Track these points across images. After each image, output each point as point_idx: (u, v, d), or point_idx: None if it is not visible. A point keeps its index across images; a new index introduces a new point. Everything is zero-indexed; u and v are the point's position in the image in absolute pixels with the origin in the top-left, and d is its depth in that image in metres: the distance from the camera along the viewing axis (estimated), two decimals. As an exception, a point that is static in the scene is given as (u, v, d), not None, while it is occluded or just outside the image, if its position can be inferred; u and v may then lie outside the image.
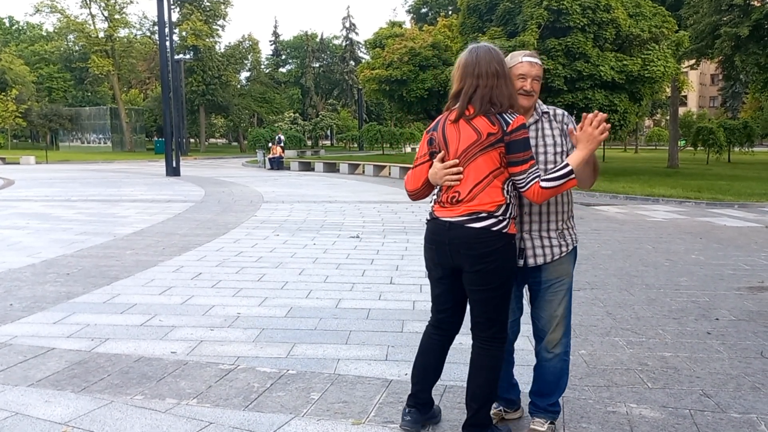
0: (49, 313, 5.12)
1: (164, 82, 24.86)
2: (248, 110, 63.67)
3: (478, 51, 2.85)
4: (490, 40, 21.15)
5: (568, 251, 3.01)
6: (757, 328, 4.95)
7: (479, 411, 2.92)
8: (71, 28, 55.22)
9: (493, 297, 2.84)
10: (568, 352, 3.11)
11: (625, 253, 8.18)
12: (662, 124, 72.06)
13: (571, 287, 3.05)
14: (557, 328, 3.03)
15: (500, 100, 2.77)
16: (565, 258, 3.00)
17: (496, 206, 2.77)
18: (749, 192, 16.63)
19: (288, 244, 8.58)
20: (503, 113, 2.76)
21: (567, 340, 3.08)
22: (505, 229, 2.78)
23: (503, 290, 2.86)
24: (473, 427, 2.93)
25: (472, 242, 2.78)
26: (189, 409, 3.34)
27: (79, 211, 12.11)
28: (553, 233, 2.97)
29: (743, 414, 3.36)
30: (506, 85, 2.81)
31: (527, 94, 2.91)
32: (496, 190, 2.77)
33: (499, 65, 2.82)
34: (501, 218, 2.77)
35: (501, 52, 2.88)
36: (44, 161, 33.54)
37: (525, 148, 2.75)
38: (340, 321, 4.98)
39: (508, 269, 2.85)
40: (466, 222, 2.78)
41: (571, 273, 3.05)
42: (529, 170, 2.74)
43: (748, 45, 26.53)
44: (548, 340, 3.05)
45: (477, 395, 2.91)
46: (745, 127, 38.41)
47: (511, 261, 2.85)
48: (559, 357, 3.06)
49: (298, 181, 21.31)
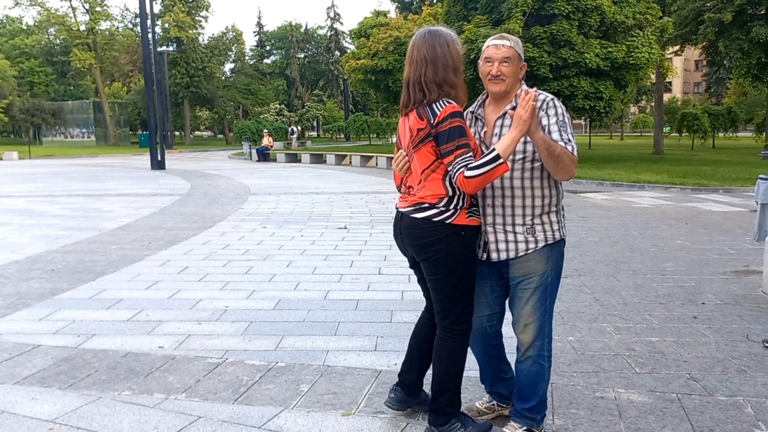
0: (35, 309, 5.07)
1: (147, 75, 24.63)
2: (233, 102, 63.27)
3: (415, 36, 2.78)
4: (475, 29, 21.18)
5: (537, 248, 2.78)
6: (743, 311, 5.00)
7: (436, 398, 2.91)
8: (52, 21, 54.41)
9: (444, 286, 2.81)
10: (545, 356, 2.89)
11: (611, 240, 8.23)
12: (647, 111, 72.52)
13: (548, 288, 2.83)
14: (526, 329, 2.86)
15: (429, 87, 2.69)
16: (532, 255, 2.79)
17: (437, 198, 2.74)
18: (734, 177, 16.77)
19: (275, 237, 8.55)
20: (435, 103, 2.67)
21: (541, 343, 2.87)
22: (449, 219, 2.72)
23: (453, 280, 2.78)
24: (432, 414, 2.94)
25: (415, 232, 2.79)
26: (177, 403, 3.32)
27: (63, 207, 11.99)
28: (519, 228, 2.79)
29: (730, 397, 3.39)
30: (437, 71, 2.68)
31: (495, 78, 2.75)
32: (437, 183, 2.74)
33: (430, 50, 2.69)
34: (444, 209, 2.73)
35: (446, 35, 2.72)
36: (27, 157, 33.15)
37: (451, 138, 2.61)
38: (329, 312, 4.97)
39: (456, 260, 2.76)
40: (411, 212, 2.80)
41: (543, 272, 2.81)
42: (456, 160, 2.60)
43: (732, 30, 26.68)
44: (519, 340, 2.91)
45: (435, 383, 2.92)
46: (729, 113, 38.74)
47: (460, 252, 2.75)
48: (532, 360, 2.87)
49: (285, 173, 21.22)
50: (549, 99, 2.77)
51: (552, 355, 2.94)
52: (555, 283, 2.87)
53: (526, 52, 20.85)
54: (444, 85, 2.70)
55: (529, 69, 21.27)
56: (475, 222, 2.79)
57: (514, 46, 2.76)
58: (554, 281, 2.86)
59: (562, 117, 2.72)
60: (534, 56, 21.00)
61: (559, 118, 2.71)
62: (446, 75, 2.70)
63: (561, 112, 2.73)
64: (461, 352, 2.89)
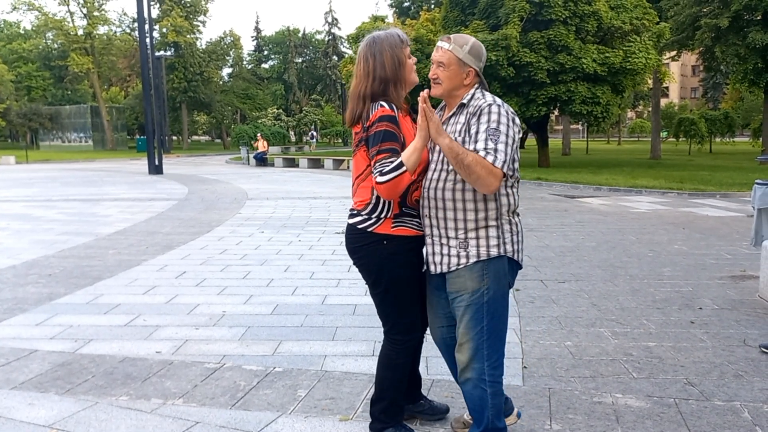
0: (31, 314, 5.06)
1: (145, 80, 24.62)
2: (231, 107, 63.25)
3: (360, 47, 2.75)
4: (473, 34, 21.20)
5: (467, 264, 2.58)
6: (740, 316, 5.00)
7: (374, 404, 2.91)
8: (49, 25, 54.44)
9: (374, 294, 2.81)
10: (487, 382, 2.63)
11: (609, 245, 8.24)
12: (644, 116, 72.65)
13: (483, 307, 2.60)
14: (462, 348, 2.65)
15: (364, 93, 2.66)
16: (463, 271, 2.59)
17: (363, 204, 2.72)
18: (731, 182, 16.81)
19: (273, 241, 8.54)
20: (372, 107, 2.63)
21: (481, 366, 2.62)
22: (371, 228, 2.69)
23: (378, 290, 2.75)
24: (371, 418, 2.94)
25: (347, 237, 2.83)
26: (175, 408, 3.31)
27: (60, 211, 11.97)
28: (453, 241, 2.61)
29: (727, 402, 3.39)
30: (368, 75, 2.65)
31: (432, 81, 2.64)
32: (365, 190, 2.73)
33: (365, 63, 2.66)
34: (367, 217, 2.70)
35: (382, 41, 2.66)
36: (24, 161, 33.10)
37: (375, 142, 2.55)
38: (327, 317, 4.97)
39: (378, 270, 2.71)
40: (348, 218, 2.83)
41: (474, 290, 2.58)
42: (375, 164, 2.54)
43: (728, 36, 26.82)
44: (456, 358, 2.71)
45: (375, 387, 2.92)
46: (726, 118, 38.88)
47: (382, 262, 2.69)
48: (472, 383, 2.65)
49: (283, 178, 21.22)
50: (486, 105, 2.53)
51: (502, 382, 2.71)
52: (496, 304, 2.62)
53: (524, 57, 20.92)
54: (378, 88, 2.65)
55: (526, 74, 21.38)
56: (405, 232, 2.70)
57: (454, 50, 2.58)
58: (493, 301, 2.61)
59: (495, 125, 2.46)
60: (531, 61, 21.07)
61: (491, 125, 2.47)
62: (385, 85, 2.66)
63: (496, 119, 2.48)
64: (396, 362, 2.83)
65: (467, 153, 2.42)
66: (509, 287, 2.69)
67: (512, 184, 2.62)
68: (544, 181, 18.07)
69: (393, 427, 2.87)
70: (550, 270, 6.68)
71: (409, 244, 2.73)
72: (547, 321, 4.86)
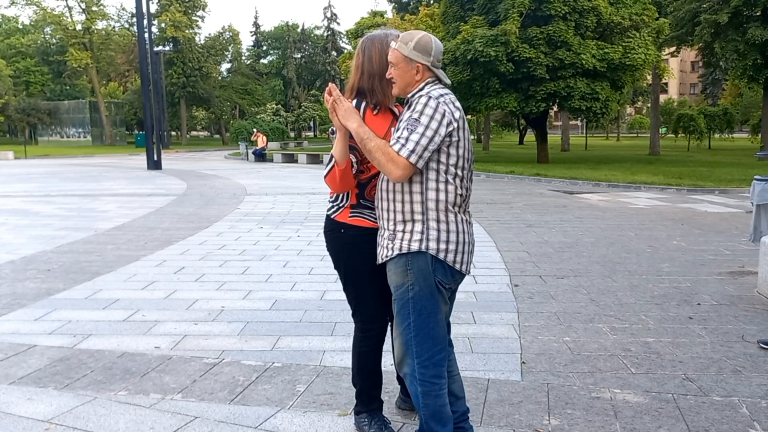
0: (30, 310, 5.05)
1: (144, 75, 24.58)
2: (230, 102, 63.21)
3: (358, 44, 2.88)
4: (472, 29, 21.20)
5: (392, 257, 2.57)
6: (738, 312, 5.01)
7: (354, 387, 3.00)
8: (48, 20, 54.30)
9: (341, 278, 2.91)
10: (418, 380, 2.58)
11: (607, 241, 8.24)
12: (643, 112, 72.68)
13: (409, 303, 2.56)
14: (396, 342, 2.67)
15: (351, 86, 2.83)
16: (390, 264, 2.60)
17: (333, 194, 2.85)
18: (729, 178, 16.82)
19: (272, 237, 8.54)
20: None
21: (412, 362, 2.59)
22: (333, 215, 2.83)
23: (341, 275, 2.88)
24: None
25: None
26: (174, 403, 3.31)
27: (58, 207, 11.96)
28: (386, 233, 2.63)
29: (725, 397, 3.40)
30: (357, 69, 2.79)
31: (391, 81, 2.66)
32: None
33: (357, 50, 2.82)
34: (332, 204, 2.85)
35: (377, 42, 2.73)
36: (23, 156, 33.06)
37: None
38: (325, 313, 4.97)
39: (336, 256, 2.85)
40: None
41: (400, 284, 2.57)
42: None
43: (728, 32, 26.80)
44: (395, 352, 2.72)
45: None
46: (725, 114, 38.89)
47: (339, 249, 2.81)
48: (408, 378, 2.64)
49: (282, 173, 21.21)
50: (418, 97, 2.51)
51: (440, 384, 2.60)
52: (424, 302, 2.55)
53: (523, 53, 20.90)
54: (364, 86, 2.76)
55: (525, 70, 21.36)
56: (361, 223, 2.77)
57: (399, 48, 2.57)
58: (420, 298, 2.54)
59: (417, 115, 2.43)
60: (531, 57, 21.05)
61: (413, 116, 2.44)
62: (372, 80, 2.74)
63: (420, 110, 2.44)
64: (360, 350, 2.90)
65: (372, 138, 2.49)
66: (443, 288, 2.59)
67: (446, 179, 2.50)
68: (543, 176, 18.07)
69: (367, 414, 2.94)
70: (549, 266, 6.69)
71: (365, 235, 2.76)
72: (545, 316, 4.87)
